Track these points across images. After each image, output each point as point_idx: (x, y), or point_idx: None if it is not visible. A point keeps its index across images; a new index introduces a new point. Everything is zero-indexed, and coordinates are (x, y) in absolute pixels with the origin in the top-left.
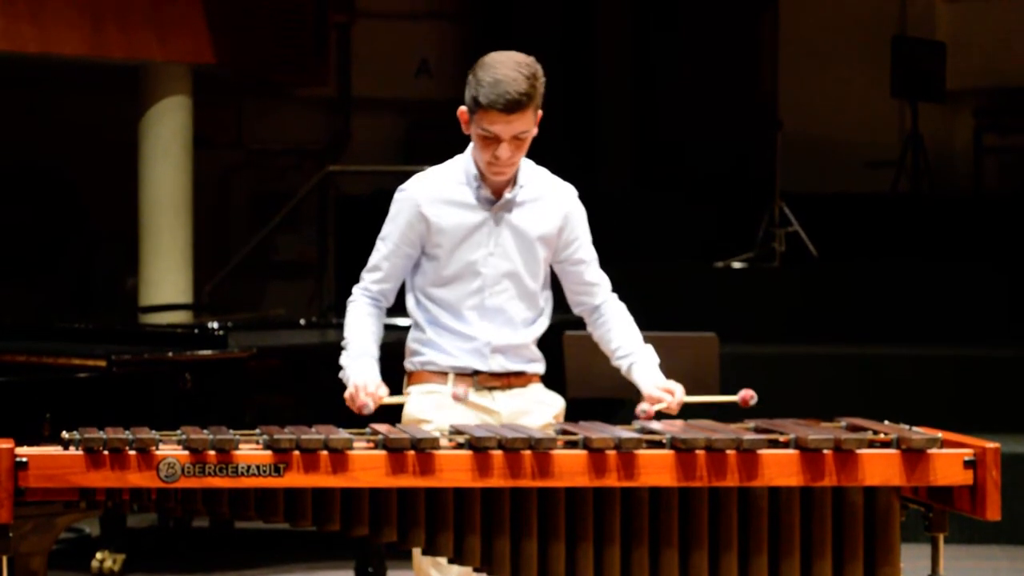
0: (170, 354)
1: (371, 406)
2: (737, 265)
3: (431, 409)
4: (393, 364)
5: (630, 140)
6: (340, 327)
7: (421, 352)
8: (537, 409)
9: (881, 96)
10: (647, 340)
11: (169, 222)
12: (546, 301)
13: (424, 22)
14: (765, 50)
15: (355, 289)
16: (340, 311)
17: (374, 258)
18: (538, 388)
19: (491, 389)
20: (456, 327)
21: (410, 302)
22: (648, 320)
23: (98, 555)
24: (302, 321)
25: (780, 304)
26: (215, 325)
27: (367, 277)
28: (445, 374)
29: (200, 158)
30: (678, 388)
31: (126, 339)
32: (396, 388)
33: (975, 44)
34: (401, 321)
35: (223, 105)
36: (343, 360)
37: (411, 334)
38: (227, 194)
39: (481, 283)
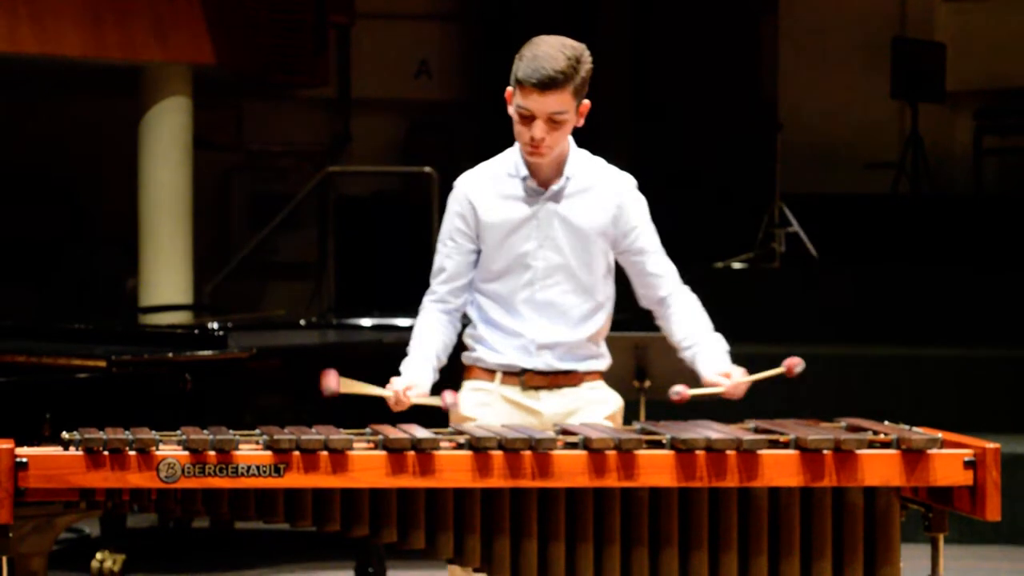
0: (170, 355)
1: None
2: (737, 265)
3: (476, 407)
4: (393, 364)
5: (630, 142)
6: (340, 328)
7: (473, 348)
8: (587, 408)
9: (881, 97)
10: (647, 341)
11: (169, 223)
12: (606, 296)
13: (424, 23)
14: (765, 51)
15: (424, 298)
16: (340, 312)
17: (437, 260)
18: (591, 386)
19: (537, 389)
20: (505, 323)
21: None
22: (648, 321)
23: (98, 555)
24: (302, 322)
25: (780, 305)
26: (215, 326)
27: (433, 281)
28: (493, 372)
29: (200, 159)
30: (736, 371)
31: (126, 340)
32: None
33: (975, 45)
34: (401, 321)
35: (223, 106)
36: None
37: (467, 329)
38: (227, 195)
39: (531, 276)
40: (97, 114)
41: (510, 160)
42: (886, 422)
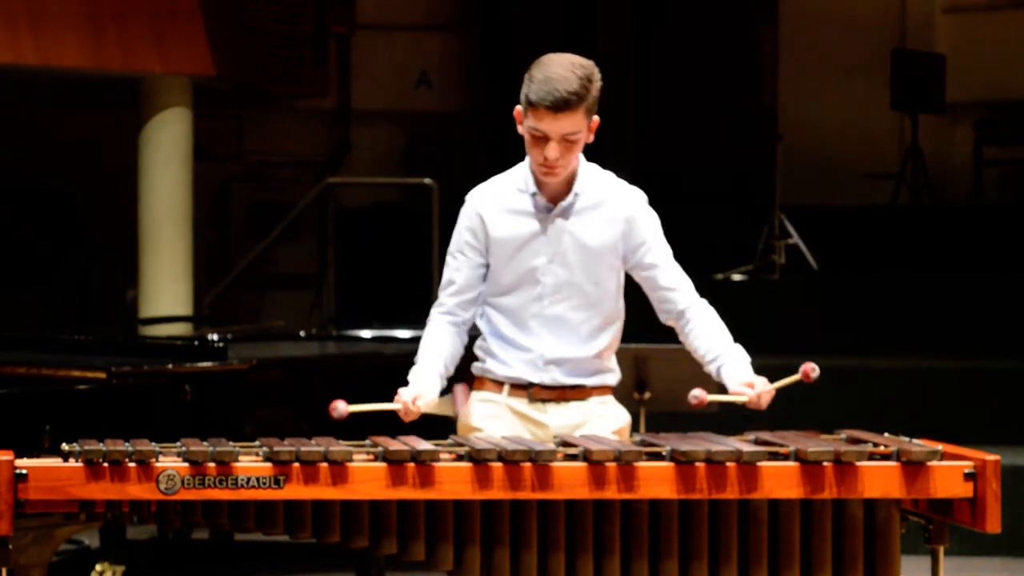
0: (170, 366)
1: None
2: (737, 277)
3: (484, 418)
4: (393, 376)
5: (630, 152)
6: (340, 339)
7: (483, 360)
8: (594, 422)
9: (881, 108)
10: (647, 353)
11: (169, 234)
12: (616, 311)
13: (424, 34)
14: (765, 63)
15: (432, 310)
16: (340, 323)
17: (446, 273)
18: (599, 400)
19: (544, 402)
20: (514, 337)
21: (478, 311)
22: (648, 332)
23: (97, 567)
24: (302, 333)
25: (780, 316)
26: (215, 337)
27: (442, 294)
28: (501, 384)
29: (200, 170)
30: (759, 381)
31: (126, 351)
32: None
33: (975, 56)
34: (401, 333)
35: (223, 117)
36: (409, 376)
37: (478, 341)
38: (227, 206)
39: (540, 291)
40: (97, 125)
41: (520, 175)
42: (886, 434)
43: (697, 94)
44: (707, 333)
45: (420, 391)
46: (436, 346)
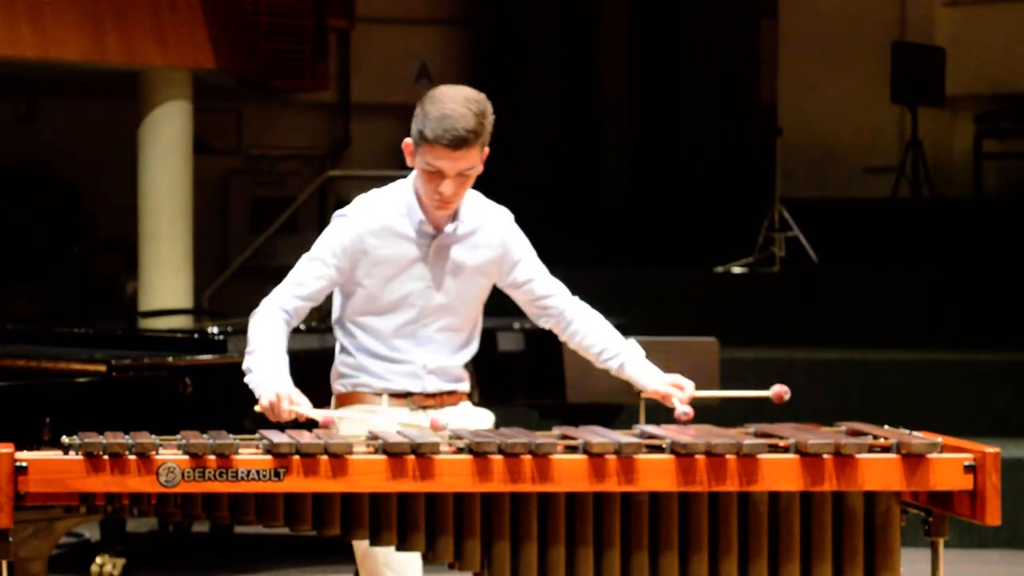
0: (170, 359)
1: (295, 413)
2: (737, 270)
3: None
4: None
5: (631, 146)
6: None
7: (353, 375)
8: (470, 424)
9: (881, 101)
10: (648, 345)
11: (169, 227)
12: (477, 326)
13: (424, 27)
14: (765, 56)
15: (268, 301)
16: None
17: (300, 275)
18: (466, 405)
19: (425, 408)
20: (387, 353)
21: (337, 328)
22: (649, 325)
23: (98, 559)
24: (301, 326)
25: (780, 309)
26: (215, 330)
27: (288, 291)
28: (379, 395)
29: (200, 163)
30: (686, 382)
31: (126, 344)
32: (320, 403)
33: (975, 49)
34: None
35: (223, 110)
36: (250, 364)
37: (339, 358)
38: (227, 199)
39: (416, 315)
40: (97, 118)
41: (401, 199)
42: (886, 426)
43: (697, 88)
44: (595, 331)
45: (294, 391)
46: (279, 341)
